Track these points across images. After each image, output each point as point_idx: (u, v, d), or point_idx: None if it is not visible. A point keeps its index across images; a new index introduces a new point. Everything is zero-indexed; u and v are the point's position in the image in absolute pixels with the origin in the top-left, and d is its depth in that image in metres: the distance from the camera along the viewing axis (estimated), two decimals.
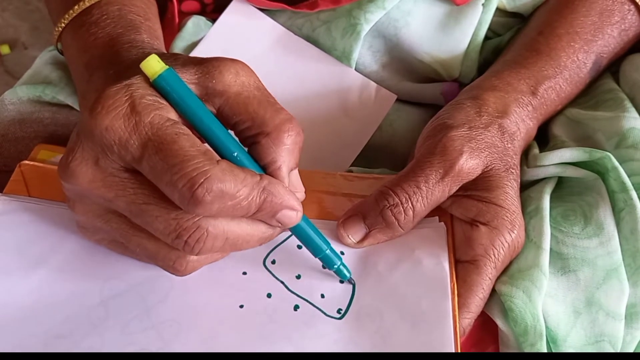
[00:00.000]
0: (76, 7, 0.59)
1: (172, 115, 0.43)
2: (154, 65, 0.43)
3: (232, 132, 0.46)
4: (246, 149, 0.46)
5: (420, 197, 0.50)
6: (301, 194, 0.47)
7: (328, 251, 0.49)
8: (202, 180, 0.40)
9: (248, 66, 0.46)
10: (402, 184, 0.50)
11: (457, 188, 0.51)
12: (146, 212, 0.43)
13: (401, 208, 0.50)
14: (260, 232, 0.45)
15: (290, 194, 0.44)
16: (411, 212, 0.50)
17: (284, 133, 0.44)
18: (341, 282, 0.50)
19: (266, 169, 0.45)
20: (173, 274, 0.47)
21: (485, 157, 0.51)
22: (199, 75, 0.45)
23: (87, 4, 0.58)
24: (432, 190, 0.50)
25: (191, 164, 0.40)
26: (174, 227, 0.42)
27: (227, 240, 0.44)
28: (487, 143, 0.52)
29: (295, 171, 0.47)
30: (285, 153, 0.45)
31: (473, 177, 0.51)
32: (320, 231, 0.49)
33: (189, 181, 0.40)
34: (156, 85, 0.43)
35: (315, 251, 0.49)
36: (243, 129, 0.45)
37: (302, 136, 0.45)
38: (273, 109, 0.45)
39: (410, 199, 0.50)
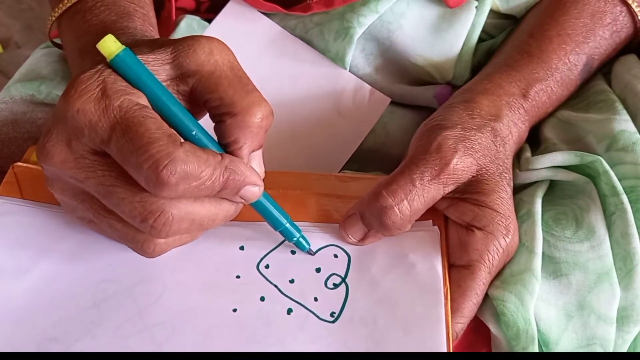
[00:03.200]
0: None
1: (143, 100, 0.44)
2: (110, 46, 0.44)
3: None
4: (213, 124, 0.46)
5: (416, 195, 0.50)
6: (261, 175, 0.47)
7: (287, 224, 0.49)
8: (166, 162, 0.41)
9: (224, 44, 0.46)
10: (397, 183, 0.50)
11: (453, 188, 0.51)
12: (113, 194, 0.43)
13: (396, 210, 0.49)
14: (224, 210, 0.46)
15: (251, 170, 0.45)
16: (407, 212, 0.50)
17: (251, 116, 0.45)
18: (334, 286, 0.50)
19: (227, 147, 0.45)
20: (142, 255, 0.47)
21: (479, 157, 0.51)
22: (174, 54, 0.45)
23: None
24: (427, 188, 0.50)
25: (155, 145, 0.41)
26: (140, 211, 0.43)
27: (193, 222, 0.44)
28: (481, 145, 0.52)
29: (259, 152, 0.47)
30: (249, 134, 0.45)
31: (468, 177, 0.51)
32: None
33: (154, 163, 0.41)
34: (114, 66, 0.44)
35: (275, 224, 0.49)
36: (212, 107, 0.45)
37: (270, 120, 0.46)
38: (243, 90, 0.45)
39: (406, 197, 0.50)
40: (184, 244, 0.49)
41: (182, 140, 0.43)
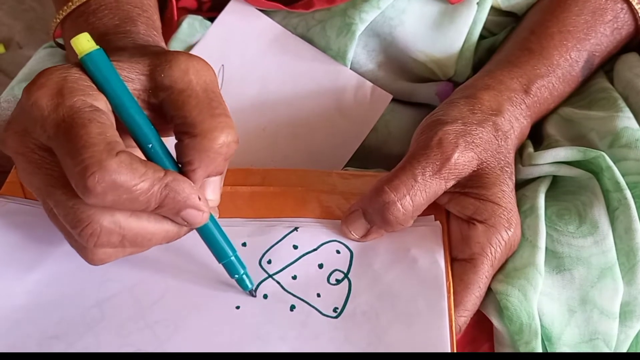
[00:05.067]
0: None
1: (101, 104, 0.43)
2: (83, 44, 0.43)
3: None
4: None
5: (418, 190, 0.50)
6: (214, 202, 0.46)
7: (233, 258, 0.47)
8: (94, 169, 0.39)
9: (206, 64, 0.46)
10: (399, 179, 0.50)
11: (454, 182, 0.51)
12: (52, 195, 0.43)
13: (398, 205, 0.50)
14: (163, 230, 0.45)
15: (196, 193, 0.43)
16: (410, 207, 0.50)
17: (209, 140, 0.43)
18: (336, 282, 0.50)
19: (182, 167, 0.44)
20: (86, 261, 0.46)
21: (480, 152, 0.52)
22: (151, 67, 0.45)
23: None
24: (429, 183, 0.50)
25: (89, 150, 0.40)
26: (71, 217, 0.42)
27: (124, 237, 0.43)
28: (482, 139, 0.52)
29: (216, 179, 0.46)
30: (205, 158, 0.44)
31: (469, 171, 0.51)
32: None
33: (83, 168, 0.40)
34: (83, 64, 0.44)
35: (220, 256, 0.47)
36: (176, 124, 0.45)
37: (232, 147, 0.44)
38: (208, 114, 0.44)
39: (409, 193, 0.50)
40: (131, 255, 0.47)
41: (122, 150, 0.41)
